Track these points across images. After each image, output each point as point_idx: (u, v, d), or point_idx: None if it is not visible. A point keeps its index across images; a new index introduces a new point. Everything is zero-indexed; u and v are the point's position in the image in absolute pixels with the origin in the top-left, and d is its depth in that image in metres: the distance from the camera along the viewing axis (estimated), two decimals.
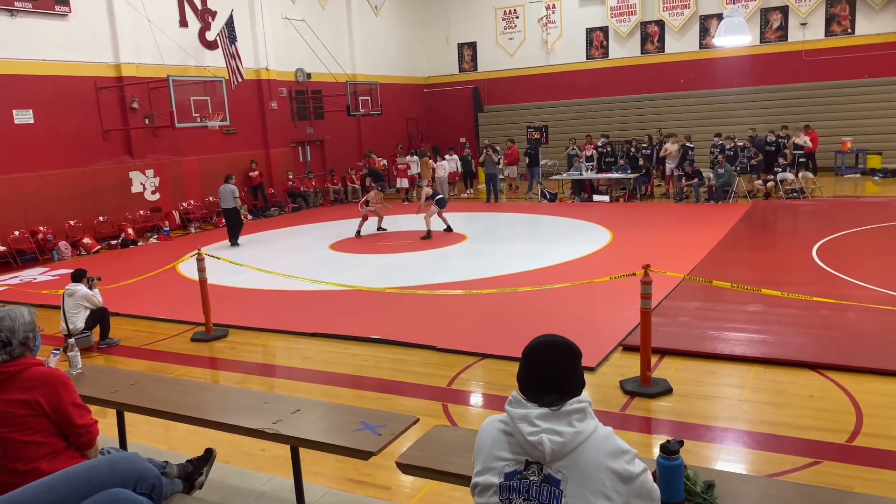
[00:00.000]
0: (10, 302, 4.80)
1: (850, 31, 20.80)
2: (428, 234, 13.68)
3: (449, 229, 14.02)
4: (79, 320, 7.70)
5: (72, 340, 4.51)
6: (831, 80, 20.97)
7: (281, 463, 4.56)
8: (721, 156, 16.95)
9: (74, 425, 2.91)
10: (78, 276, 7.87)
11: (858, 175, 19.60)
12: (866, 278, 8.64)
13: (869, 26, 20.53)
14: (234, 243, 14.41)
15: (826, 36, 21.11)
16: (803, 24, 21.24)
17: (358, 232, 14.50)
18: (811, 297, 7.03)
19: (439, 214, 13.98)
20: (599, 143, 19.49)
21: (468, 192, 21.56)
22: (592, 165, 18.87)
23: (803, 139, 17.97)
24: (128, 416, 4.32)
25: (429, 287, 9.49)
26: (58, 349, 5.13)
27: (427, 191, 14.87)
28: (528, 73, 25.74)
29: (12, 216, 14.11)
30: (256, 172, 19.50)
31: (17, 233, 14.05)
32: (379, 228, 14.89)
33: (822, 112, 20.77)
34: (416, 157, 21.79)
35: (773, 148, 17.65)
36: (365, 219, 14.64)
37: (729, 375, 5.96)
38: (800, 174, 16.68)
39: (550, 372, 2.17)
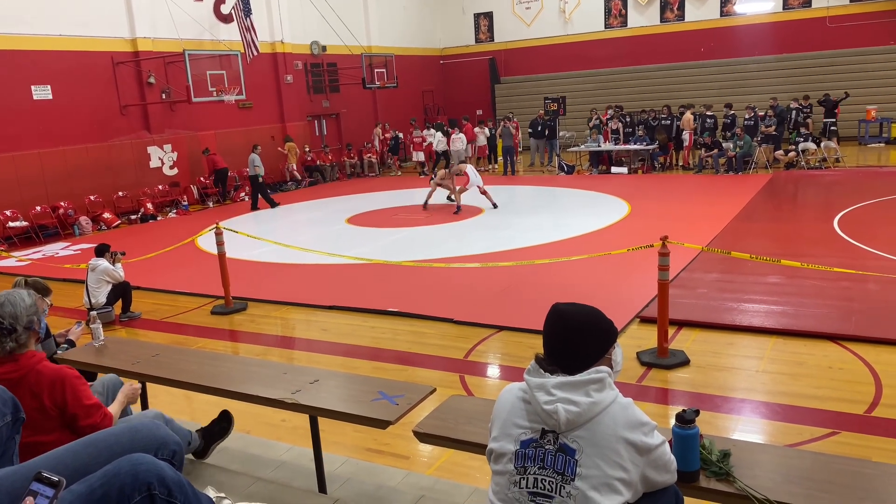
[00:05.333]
0: (34, 276, 4.87)
1: None
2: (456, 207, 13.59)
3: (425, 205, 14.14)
4: (100, 295, 7.80)
5: (94, 313, 4.58)
6: (856, 48, 20.49)
7: (301, 433, 4.62)
8: (739, 129, 16.72)
9: (79, 427, 2.81)
10: (101, 251, 7.96)
11: (882, 144, 19.24)
12: (888, 249, 8.53)
13: None
14: (253, 208, 15.76)
15: (851, 1, 20.59)
16: None
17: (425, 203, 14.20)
18: (831, 268, 6.96)
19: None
20: (608, 115, 19.27)
21: (492, 166, 21.05)
22: (618, 138, 18.67)
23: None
24: (150, 387, 4.40)
25: (446, 260, 9.51)
26: (80, 322, 5.23)
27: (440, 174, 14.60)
28: (546, 44, 25.41)
29: (34, 191, 14.28)
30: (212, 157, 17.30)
31: (38, 208, 14.24)
32: (448, 199, 14.40)
33: (846, 80, 20.32)
34: (431, 131, 21.29)
35: (798, 116, 17.33)
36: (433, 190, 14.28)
37: (747, 347, 5.94)
38: (822, 144, 16.40)
39: (574, 340, 2.15)
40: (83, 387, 2.86)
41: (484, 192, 13.64)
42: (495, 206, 13.62)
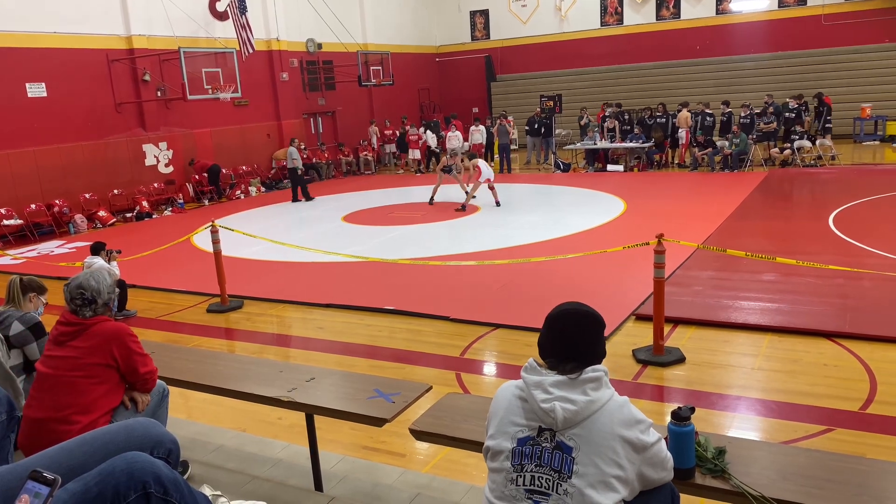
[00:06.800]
0: (28, 274, 4.86)
1: None
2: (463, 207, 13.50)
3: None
4: None
5: None
6: (851, 45, 20.53)
7: (297, 431, 4.62)
8: (736, 126, 16.73)
9: (139, 374, 3.19)
10: (96, 249, 7.91)
11: (877, 142, 19.27)
12: (883, 246, 8.55)
13: None
14: (294, 199, 16.20)
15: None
16: None
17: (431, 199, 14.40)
18: (827, 266, 6.98)
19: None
20: (606, 113, 19.23)
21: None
22: (613, 136, 18.65)
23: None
24: None
25: (442, 258, 9.51)
26: None
27: (443, 161, 15.14)
28: (542, 41, 25.41)
29: (29, 190, 14.23)
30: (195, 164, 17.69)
31: (33, 206, 14.19)
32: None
33: (841, 78, 20.39)
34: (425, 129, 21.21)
35: (793, 115, 17.35)
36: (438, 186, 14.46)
37: (742, 344, 5.95)
38: (817, 142, 16.43)
39: (571, 340, 2.17)
40: (137, 339, 3.24)
41: (491, 188, 13.58)
42: (498, 203, 13.59)
